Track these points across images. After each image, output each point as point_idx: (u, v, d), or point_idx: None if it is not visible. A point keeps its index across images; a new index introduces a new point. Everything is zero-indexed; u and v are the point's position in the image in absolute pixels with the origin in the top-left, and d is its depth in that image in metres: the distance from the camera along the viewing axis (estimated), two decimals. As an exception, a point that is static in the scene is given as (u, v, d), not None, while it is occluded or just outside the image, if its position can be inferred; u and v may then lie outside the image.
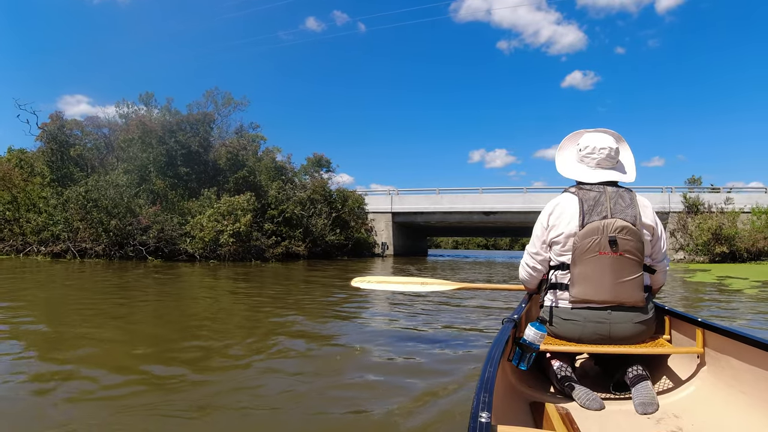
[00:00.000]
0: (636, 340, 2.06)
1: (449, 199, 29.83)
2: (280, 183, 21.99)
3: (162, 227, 16.80)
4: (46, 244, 17.35)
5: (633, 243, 2.03)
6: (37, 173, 20.35)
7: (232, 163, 21.60)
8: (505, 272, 15.52)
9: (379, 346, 3.73)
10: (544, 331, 1.88)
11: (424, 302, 6.36)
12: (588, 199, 2.09)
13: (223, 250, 16.99)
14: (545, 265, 2.26)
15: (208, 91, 26.36)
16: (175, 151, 20.84)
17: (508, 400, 1.81)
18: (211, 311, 5.63)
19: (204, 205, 18.69)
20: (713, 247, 21.25)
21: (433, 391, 2.56)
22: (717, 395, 1.85)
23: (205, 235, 16.97)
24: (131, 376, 2.81)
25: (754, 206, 24.19)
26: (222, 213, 17.40)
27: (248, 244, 17.66)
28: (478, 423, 1.00)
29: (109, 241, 16.60)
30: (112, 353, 3.41)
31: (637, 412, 1.83)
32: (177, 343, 3.77)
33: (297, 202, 21.51)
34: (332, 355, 3.50)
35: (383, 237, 30.12)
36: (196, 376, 2.86)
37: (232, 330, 4.44)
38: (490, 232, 54.91)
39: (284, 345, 3.74)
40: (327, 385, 2.71)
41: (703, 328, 2.00)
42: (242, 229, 16.96)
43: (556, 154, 2.44)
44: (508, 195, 29.36)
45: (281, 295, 7.48)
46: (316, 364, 3.24)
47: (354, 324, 4.82)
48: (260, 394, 2.56)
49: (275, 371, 3.00)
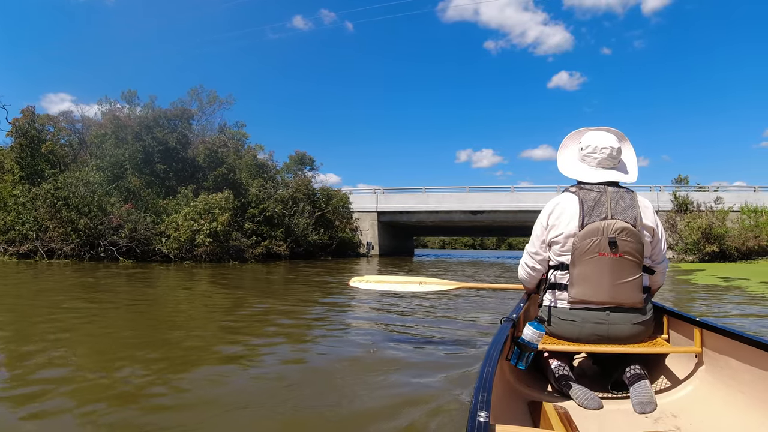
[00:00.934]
0: (634, 340, 2.06)
1: (436, 198, 29.27)
2: (260, 181, 21.24)
3: (135, 226, 15.99)
4: (12, 243, 16.49)
5: (633, 244, 2.02)
6: (7, 170, 19.46)
7: (211, 160, 20.84)
8: (493, 273, 14.99)
9: (376, 345, 3.71)
10: (542, 330, 1.90)
11: (420, 301, 6.28)
12: (588, 199, 2.08)
13: (200, 251, 16.24)
14: (544, 265, 2.24)
15: (193, 88, 25.83)
16: (152, 148, 20.07)
17: (507, 400, 1.82)
18: (183, 316, 5.24)
19: (181, 203, 17.97)
20: (703, 247, 20.93)
21: (431, 391, 2.55)
22: (715, 395, 1.85)
23: (180, 235, 16.22)
24: (100, 390, 2.54)
25: (743, 205, 24.01)
26: (198, 212, 16.67)
27: (226, 245, 16.93)
28: (476, 422, 0.99)
29: (79, 241, 15.78)
30: (82, 363, 3.12)
31: (635, 411, 1.82)
32: (148, 355, 3.36)
33: (278, 200, 20.78)
34: (326, 355, 3.46)
35: (369, 237, 29.51)
36: (166, 391, 2.55)
37: (208, 336, 4.12)
38: (477, 232, 54.46)
39: (274, 348, 3.64)
40: (322, 385, 2.69)
41: (701, 327, 2.00)
42: (219, 229, 16.23)
43: (558, 152, 2.41)
44: (495, 194, 28.91)
45: (259, 297, 7.04)
46: (310, 364, 3.21)
47: (350, 323, 4.78)
48: (249, 394, 2.51)
49: (260, 371, 2.97)
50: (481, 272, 15.27)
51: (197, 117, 25.45)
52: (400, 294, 6.50)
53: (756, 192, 25.65)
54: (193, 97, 25.65)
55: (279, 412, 2.26)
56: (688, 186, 31.12)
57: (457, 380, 2.74)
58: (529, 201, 27.43)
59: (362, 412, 2.28)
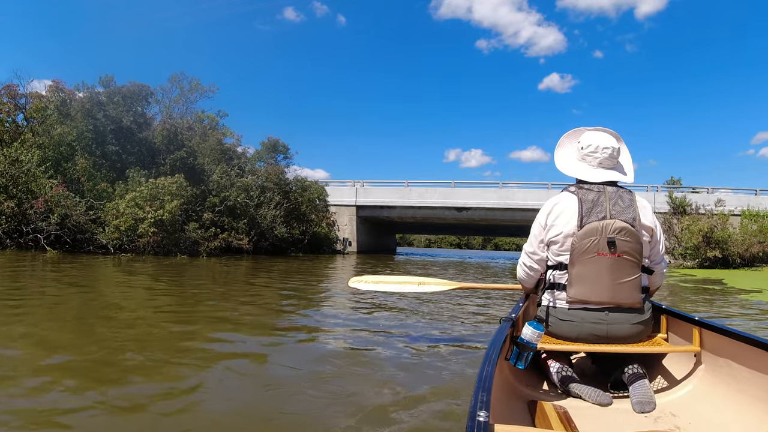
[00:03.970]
0: (633, 339, 2.04)
1: (419, 193, 27.32)
2: (223, 167, 19.13)
3: (67, 212, 13.87)
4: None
5: (631, 244, 2.01)
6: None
7: (168, 142, 18.73)
8: (478, 277, 13.29)
9: (374, 345, 3.64)
10: (541, 330, 1.89)
11: (418, 301, 6.10)
12: (587, 199, 2.07)
13: (142, 242, 14.19)
14: (543, 265, 2.23)
15: (174, 75, 23.96)
16: (104, 127, 17.97)
17: (506, 399, 1.80)
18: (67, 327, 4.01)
19: (133, 189, 15.85)
20: (704, 252, 19.32)
21: (430, 390, 2.52)
22: (714, 394, 1.85)
23: (121, 223, 14.16)
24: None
25: (744, 209, 22.55)
26: (145, 198, 14.62)
27: (175, 236, 14.88)
28: (476, 422, 0.99)
29: (4, 227, 13.65)
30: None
31: (635, 410, 1.81)
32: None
33: (241, 188, 18.66)
34: (324, 355, 3.29)
35: (346, 232, 27.53)
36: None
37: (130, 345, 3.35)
38: (463, 230, 52.40)
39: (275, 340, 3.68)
40: (321, 386, 2.58)
41: (700, 327, 2.01)
42: (166, 217, 14.18)
43: (555, 151, 2.40)
44: (482, 190, 27.12)
45: (181, 303, 5.71)
46: (307, 364, 3.04)
47: (347, 323, 4.69)
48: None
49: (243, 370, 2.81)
50: (469, 278, 13.46)
51: (178, 104, 23.80)
52: (392, 293, 6.14)
53: (758, 195, 24.10)
54: (174, 84, 23.95)
55: (275, 415, 2.21)
56: (680, 187, 29.54)
57: (456, 380, 2.73)
58: (518, 198, 25.71)
59: (361, 412, 2.20)
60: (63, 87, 17.13)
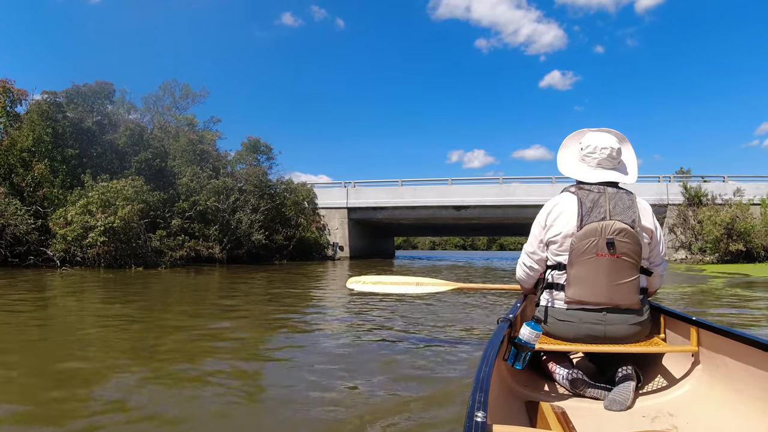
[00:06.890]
0: (631, 340, 2.02)
1: (413, 192, 25.58)
2: (194, 169, 17.50)
3: (5, 222, 12.26)
4: None
5: (631, 246, 1.98)
6: None
7: (134, 143, 17.15)
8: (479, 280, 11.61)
9: (373, 345, 3.68)
10: (539, 330, 1.87)
11: (417, 302, 6.00)
12: (587, 199, 2.05)
13: (91, 252, 12.56)
14: (542, 265, 2.20)
15: (165, 82, 22.71)
16: (64, 128, 16.43)
17: (504, 400, 1.79)
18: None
19: (84, 194, 14.26)
20: (726, 245, 17.48)
21: (428, 391, 2.49)
22: (712, 393, 1.83)
23: (68, 233, 12.55)
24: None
25: (763, 197, 20.68)
26: (96, 203, 13.01)
27: (130, 245, 13.22)
28: (473, 422, 0.97)
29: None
30: None
31: (604, 407, 1.81)
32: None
33: (212, 191, 16.99)
34: (323, 355, 3.32)
35: (337, 236, 25.83)
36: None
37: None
38: (464, 231, 50.34)
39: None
40: (317, 387, 2.55)
41: (698, 326, 1.98)
42: (117, 224, 12.54)
43: (558, 152, 2.40)
44: (480, 186, 25.32)
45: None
46: (304, 363, 3.09)
47: (345, 323, 4.67)
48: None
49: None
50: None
51: (170, 112, 22.46)
52: (390, 295, 6.00)
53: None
54: (166, 91, 22.74)
55: (273, 415, 2.20)
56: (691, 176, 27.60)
57: (454, 380, 2.68)
58: (520, 194, 23.93)
59: (360, 413, 2.18)
60: (11, 87, 15.51)
